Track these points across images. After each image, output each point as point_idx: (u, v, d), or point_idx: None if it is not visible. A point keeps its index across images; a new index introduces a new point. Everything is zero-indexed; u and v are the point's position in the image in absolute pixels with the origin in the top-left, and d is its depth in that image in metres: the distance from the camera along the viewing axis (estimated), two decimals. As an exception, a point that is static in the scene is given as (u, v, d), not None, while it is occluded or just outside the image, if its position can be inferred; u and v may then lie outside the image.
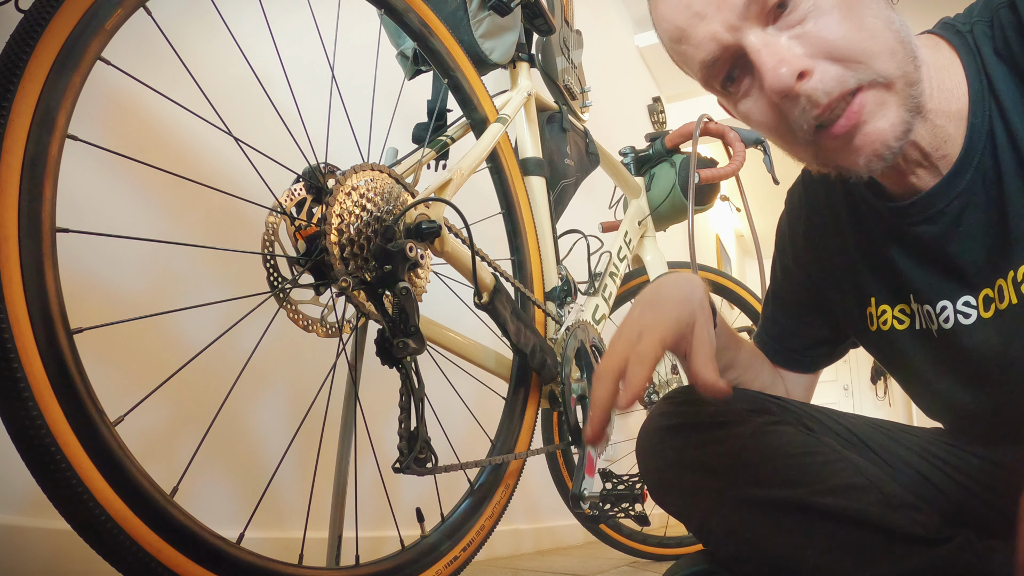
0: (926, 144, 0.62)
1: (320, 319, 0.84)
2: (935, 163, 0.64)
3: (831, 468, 0.69)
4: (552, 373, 1.10)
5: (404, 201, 0.89)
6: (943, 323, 0.69)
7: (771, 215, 3.94)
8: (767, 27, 0.57)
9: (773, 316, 0.91)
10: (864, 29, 0.56)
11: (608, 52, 3.45)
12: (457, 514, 0.95)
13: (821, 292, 0.83)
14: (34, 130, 0.53)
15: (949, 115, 0.61)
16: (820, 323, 0.87)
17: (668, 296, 0.68)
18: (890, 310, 0.75)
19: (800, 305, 0.88)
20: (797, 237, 0.86)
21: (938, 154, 0.63)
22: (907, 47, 0.58)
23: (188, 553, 0.60)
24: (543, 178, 1.30)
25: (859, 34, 0.55)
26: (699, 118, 1.56)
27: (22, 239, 0.52)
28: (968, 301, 0.67)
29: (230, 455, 1.15)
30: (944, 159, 0.63)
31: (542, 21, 1.33)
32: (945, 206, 0.65)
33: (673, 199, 1.65)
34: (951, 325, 0.69)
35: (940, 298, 0.69)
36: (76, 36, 0.56)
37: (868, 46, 0.56)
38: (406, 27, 1.03)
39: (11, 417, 0.51)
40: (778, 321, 0.90)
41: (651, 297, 0.69)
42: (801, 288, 0.86)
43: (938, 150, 0.63)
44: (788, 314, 0.89)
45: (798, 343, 0.88)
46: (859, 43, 0.55)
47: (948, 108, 0.61)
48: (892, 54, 0.56)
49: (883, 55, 0.56)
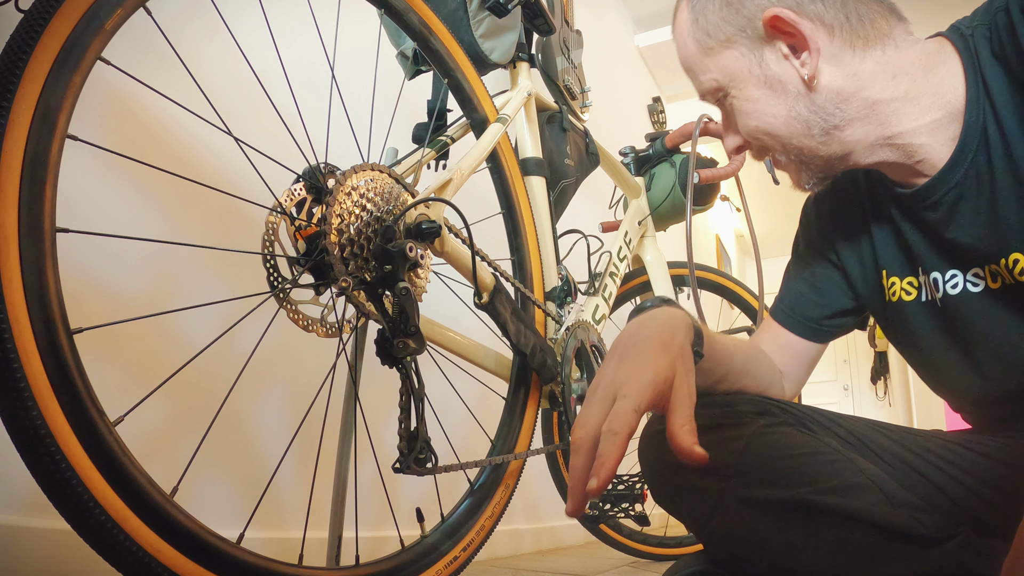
0: (893, 159, 0.72)
1: (320, 319, 0.84)
2: (915, 168, 0.72)
3: (832, 468, 0.69)
4: (552, 373, 1.10)
5: (404, 201, 0.89)
6: (950, 289, 0.74)
7: (770, 215, 3.97)
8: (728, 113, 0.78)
9: (791, 286, 0.92)
10: (759, 130, 0.75)
11: (608, 52, 3.45)
12: (457, 514, 0.95)
13: (843, 265, 0.87)
14: (34, 130, 0.53)
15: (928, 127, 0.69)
16: (839, 294, 0.89)
17: (646, 345, 0.65)
18: (899, 282, 0.80)
19: (820, 276, 0.90)
20: (823, 213, 0.90)
21: (912, 161, 0.71)
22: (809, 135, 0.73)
23: (188, 553, 0.60)
24: (543, 178, 1.30)
25: (756, 132, 0.75)
26: (699, 118, 1.56)
27: (22, 239, 0.52)
28: (977, 272, 0.72)
29: (230, 455, 1.16)
30: (923, 163, 0.71)
31: (542, 21, 1.33)
32: (942, 196, 0.71)
33: (673, 199, 1.65)
34: (959, 292, 0.73)
35: (948, 269, 0.75)
36: (76, 36, 0.56)
37: (765, 142, 0.76)
38: (406, 27, 1.03)
39: (11, 417, 0.51)
40: (796, 291, 0.91)
41: (628, 345, 0.66)
42: (824, 260, 0.90)
43: (911, 159, 0.71)
44: (809, 284, 0.90)
45: (816, 312, 0.90)
46: (758, 137, 0.76)
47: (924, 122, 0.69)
48: (784, 148, 0.75)
49: (776, 148, 0.76)
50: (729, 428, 0.75)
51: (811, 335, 0.90)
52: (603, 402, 0.60)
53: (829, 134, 0.72)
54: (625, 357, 0.64)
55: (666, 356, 0.63)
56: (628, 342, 0.66)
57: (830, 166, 0.75)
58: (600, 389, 0.62)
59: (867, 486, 0.67)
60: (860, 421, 0.84)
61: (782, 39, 0.71)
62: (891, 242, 0.81)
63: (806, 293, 0.90)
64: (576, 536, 2.25)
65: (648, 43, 4.13)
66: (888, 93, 0.69)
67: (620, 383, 0.61)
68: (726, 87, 0.75)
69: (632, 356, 0.64)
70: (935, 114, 0.68)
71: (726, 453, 0.72)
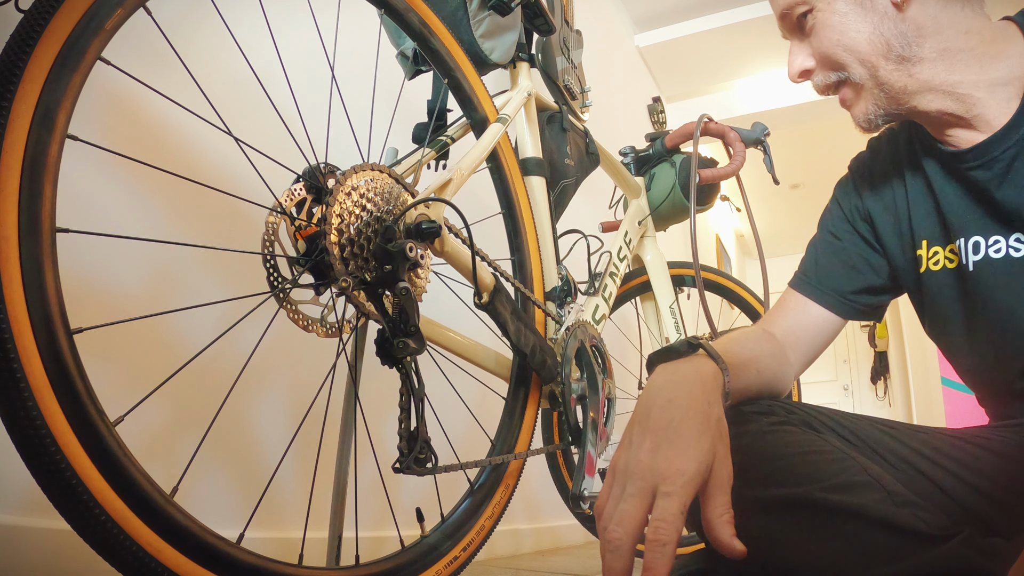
0: (952, 110, 0.77)
1: (320, 319, 0.84)
2: (970, 121, 0.77)
3: (836, 466, 0.69)
4: (552, 373, 1.10)
5: (404, 201, 0.89)
6: (993, 254, 0.77)
7: (771, 215, 3.98)
8: (801, 35, 0.83)
9: (819, 260, 0.94)
10: (840, 44, 0.78)
11: (608, 52, 3.45)
12: (457, 514, 0.95)
13: (880, 238, 0.90)
14: (34, 130, 0.53)
15: (988, 83, 0.75)
16: (869, 271, 0.91)
17: (683, 426, 0.60)
18: (942, 251, 0.83)
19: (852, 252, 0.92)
20: (863, 188, 0.93)
21: (971, 115, 0.76)
22: (888, 56, 0.77)
23: (188, 553, 0.60)
24: (543, 178, 1.30)
25: (836, 48, 0.79)
26: (699, 118, 1.56)
27: (22, 239, 0.52)
28: (1019, 238, 0.75)
29: (230, 455, 1.16)
30: (978, 117, 0.76)
31: (542, 21, 1.33)
32: (1000, 153, 0.75)
33: (673, 199, 1.65)
34: (1001, 256, 0.76)
35: (993, 233, 0.78)
36: (76, 36, 0.56)
37: (842, 58, 0.79)
38: (406, 27, 1.03)
39: (11, 417, 0.51)
40: (824, 264, 0.93)
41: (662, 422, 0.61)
42: (858, 236, 0.92)
43: (969, 111, 0.76)
44: (840, 259, 0.92)
45: (845, 285, 0.91)
46: (835, 56, 0.79)
47: (984, 78, 0.75)
48: (862, 63, 0.78)
49: (853, 64, 0.79)
50: (732, 425, 0.75)
51: (837, 308, 0.91)
52: (642, 496, 0.56)
53: (903, 63, 0.77)
54: (660, 440, 0.60)
55: (707, 439, 0.60)
56: (661, 418, 0.62)
57: (896, 101, 0.79)
58: (637, 479, 0.58)
59: (870, 484, 0.67)
60: (864, 420, 0.84)
61: None
62: (931, 211, 0.84)
63: (836, 267, 0.92)
64: (576, 536, 2.25)
65: (648, 43, 4.13)
66: (959, 44, 0.75)
67: (660, 476, 0.57)
68: (814, 1, 0.79)
69: (669, 440, 0.59)
70: (996, 73, 0.75)
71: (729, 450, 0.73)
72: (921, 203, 0.85)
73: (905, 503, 0.65)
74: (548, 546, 2.11)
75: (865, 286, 0.91)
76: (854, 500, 0.65)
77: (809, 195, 6.31)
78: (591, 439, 1.14)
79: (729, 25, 3.90)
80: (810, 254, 0.96)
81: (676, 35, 4.06)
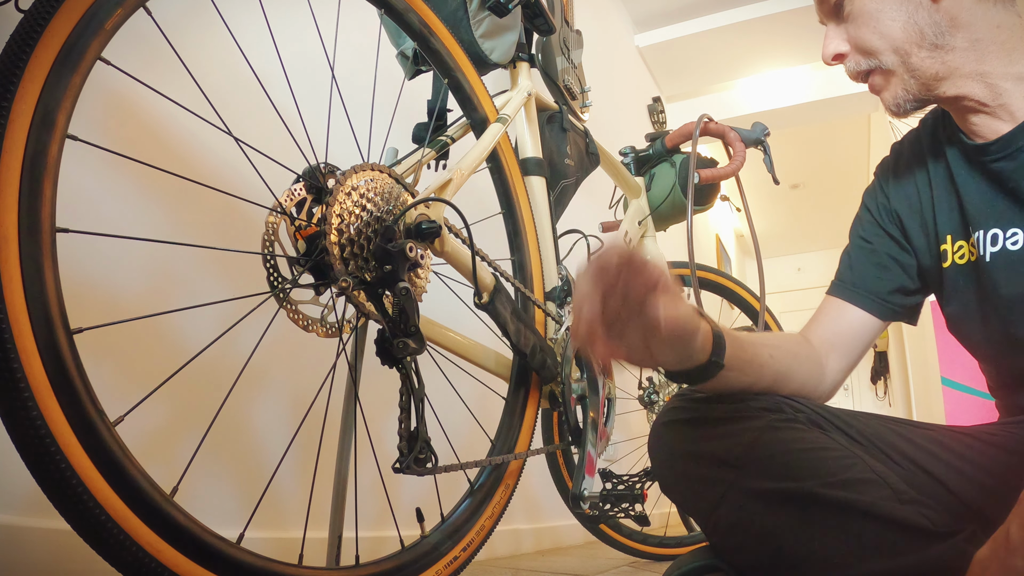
0: (979, 96, 0.79)
1: (320, 319, 0.84)
2: (995, 110, 0.79)
3: (842, 463, 0.70)
4: (552, 373, 1.10)
5: (404, 201, 0.89)
6: (1010, 245, 0.79)
7: (771, 215, 3.99)
8: (838, 19, 0.86)
9: (852, 265, 0.95)
10: (875, 32, 0.81)
11: (608, 52, 3.45)
12: (457, 514, 0.95)
13: (907, 234, 0.92)
14: (34, 130, 0.53)
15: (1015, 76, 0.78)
16: (900, 272, 0.92)
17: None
18: (966, 245, 0.85)
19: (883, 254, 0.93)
20: (889, 189, 0.95)
21: (996, 103, 0.79)
22: (921, 44, 0.79)
23: (188, 553, 0.60)
24: (543, 178, 1.30)
25: (871, 35, 0.81)
26: (699, 118, 1.55)
27: (22, 239, 0.52)
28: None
29: (230, 455, 1.16)
30: (1003, 107, 0.79)
31: (542, 21, 1.33)
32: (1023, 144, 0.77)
33: (674, 199, 1.65)
34: (1018, 248, 0.78)
35: (1012, 226, 0.80)
36: (76, 36, 0.56)
37: (876, 45, 0.81)
38: (406, 27, 1.03)
39: (11, 417, 0.51)
40: (859, 268, 0.94)
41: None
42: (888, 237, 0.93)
43: (995, 100, 0.79)
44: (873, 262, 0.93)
45: (880, 286, 0.92)
46: (870, 43, 0.82)
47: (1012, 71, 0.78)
48: (895, 51, 0.81)
49: (886, 52, 0.81)
50: (740, 421, 0.76)
51: (875, 309, 0.92)
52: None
53: (936, 51, 0.79)
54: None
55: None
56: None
57: (926, 87, 0.81)
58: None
59: (875, 482, 0.68)
60: (871, 418, 0.84)
61: None
62: (954, 205, 0.86)
63: (869, 269, 0.93)
64: (576, 536, 2.25)
65: (648, 43, 4.13)
66: (990, 36, 0.78)
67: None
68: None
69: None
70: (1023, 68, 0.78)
71: (736, 445, 0.74)
72: (944, 199, 0.87)
73: (910, 501, 0.66)
74: (548, 546, 2.11)
75: (897, 286, 0.92)
76: (858, 497, 0.66)
77: (809, 195, 6.31)
78: (591, 439, 1.14)
79: (729, 25, 3.90)
80: (843, 262, 0.97)
81: (676, 35, 4.06)
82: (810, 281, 8.01)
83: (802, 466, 0.70)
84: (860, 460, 0.71)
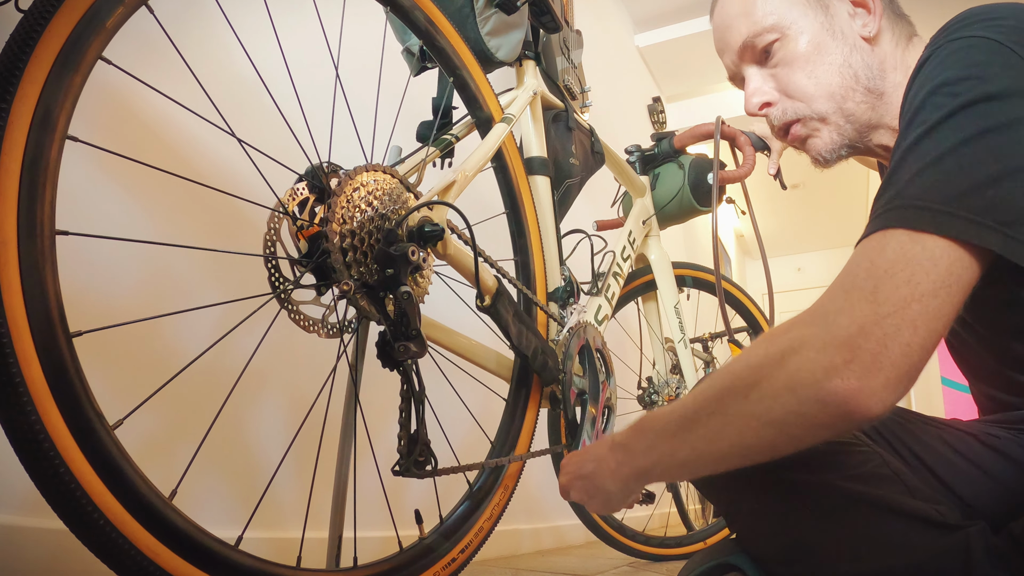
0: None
1: (321, 320, 0.83)
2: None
3: (859, 458, 0.71)
4: (553, 375, 1.09)
5: (407, 201, 0.88)
6: None
7: (772, 216, 3.99)
8: (762, 66, 0.83)
9: None
10: (811, 77, 0.78)
11: (608, 52, 3.44)
12: (455, 516, 0.95)
13: None
14: (34, 131, 0.53)
15: None
16: None
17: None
18: None
19: None
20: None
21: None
22: (855, 87, 0.77)
23: (186, 556, 0.59)
24: (548, 177, 1.29)
25: (805, 80, 0.79)
26: (717, 120, 1.55)
27: (21, 241, 0.52)
28: None
29: (229, 457, 1.15)
30: None
31: (549, 18, 1.32)
32: None
33: (681, 199, 1.64)
34: None
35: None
36: (76, 36, 0.56)
37: (810, 91, 0.79)
38: (412, 24, 1.02)
39: (10, 421, 0.51)
40: None
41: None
42: None
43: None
44: None
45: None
46: (804, 88, 0.79)
47: None
48: (830, 96, 0.78)
49: (820, 97, 0.79)
50: None
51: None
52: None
53: (869, 95, 0.78)
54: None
55: None
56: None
57: (860, 134, 0.80)
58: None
59: (891, 478, 0.69)
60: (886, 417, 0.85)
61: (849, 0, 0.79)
62: None
63: None
64: (576, 536, 2.25)
65: (648, 43, 4.12)
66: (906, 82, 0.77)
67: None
68: (785, 29, 0.79)
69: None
70: None
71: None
72: None
73: (924, 497, 0.68)
74: (548, 546, 2.11)
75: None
76: (873, 490, 0.67)
77: (809, 195, 6.29)
78: (588, 432, 1.13)
79: (731, 25, 3.88)
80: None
81: (676, 35, 4.05)
82: (810, 281, 8.00)
83: (821, 459, 0.71)
84: (877, 456, 0.72)
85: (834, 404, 0.54)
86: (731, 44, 0.83)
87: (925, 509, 0.65)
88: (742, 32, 0.82)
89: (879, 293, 0.54)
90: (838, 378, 0.54)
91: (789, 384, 0.56)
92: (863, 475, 0.69)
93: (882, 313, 0.54)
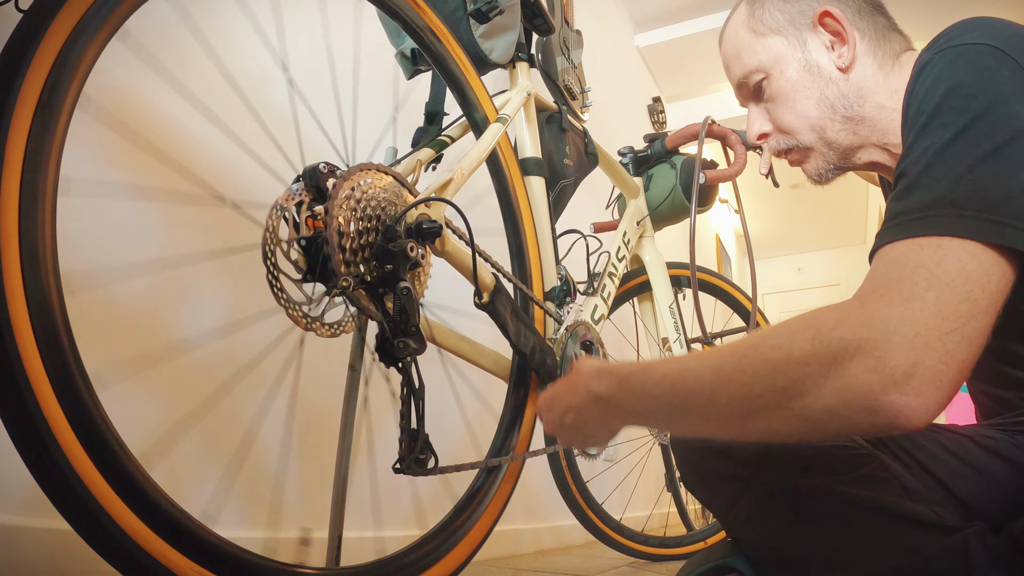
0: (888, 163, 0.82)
1: (320, 318, 0.84)
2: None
3: (856, 461, 0.72)
4: (552, 373, 1.10)
5: (405, 200, 0.89)
6: None
7: (770, 215, 3.98)
8: (758, 101, 0.89)
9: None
10: (793, 112, 0.84)
11: (608, 52, 3.45)
12: (455, 515, 0.95)
13: None
14: (34, 131, 0.53)
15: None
16: None
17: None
18: None
19: None
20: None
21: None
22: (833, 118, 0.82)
23: (188, 553, 0.60)
24: (542, 178, 1.30)
25: (788, 115, 0.85)
26: (704, 120, 1.55)
27: (23, 240, 0.52)
28: None
29: (231, 455, 1.15)
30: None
31: (541, 21, 1.32)
32: None
33: (673, 200, 1.65)
34: None
35: None
36: (76, 36, 0.56)
37: (794, 124, 0.85)
38: (406, 26, 1.03)
39: (11, 418, 0.51)
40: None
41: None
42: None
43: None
44: None
45: None
46: (788, 122, 0.86)
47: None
48: (812, 128, 0.84)
49: (804, 130, 0.85)
50: None
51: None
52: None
53: (848, 122, 0.82)
54: None
55: None
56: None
57: (844, 157, 0.84)
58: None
59: (888, 481, 0.70)
60: None
61: (826, 33, 0.82)
62: None
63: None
64: (576, 536, 2.25)
65: (648, 43, 4.13)
66: (890, 103, 0.80)
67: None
68: (768, 68, 0.85)
69: None
70: None
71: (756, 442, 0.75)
72: None
73: (922, 499, 0.68)
74: (548, 546, 2.11)
75: None
76: (870, 493, 0.68)
77: (809, 195, 6.29)
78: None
79: (729, 25, 3.90)
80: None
81: (676, 35, 4.07)
82: (810, 281, 8.01)
83: (817, 462, 0.71)
84: (874, 458, 0.72)
85: (885, 415, 0.52)
86: (731, 82, 0.91)
87: (923, 511, 0.66)
88: (736, 73, 0.89)
89: (943, 307, 0.52)
90: (896, 392, 0.51)
91: (840, 390, 0.54)
92: (861, 478, 0.69)
93: (945, 329, 0.52)
